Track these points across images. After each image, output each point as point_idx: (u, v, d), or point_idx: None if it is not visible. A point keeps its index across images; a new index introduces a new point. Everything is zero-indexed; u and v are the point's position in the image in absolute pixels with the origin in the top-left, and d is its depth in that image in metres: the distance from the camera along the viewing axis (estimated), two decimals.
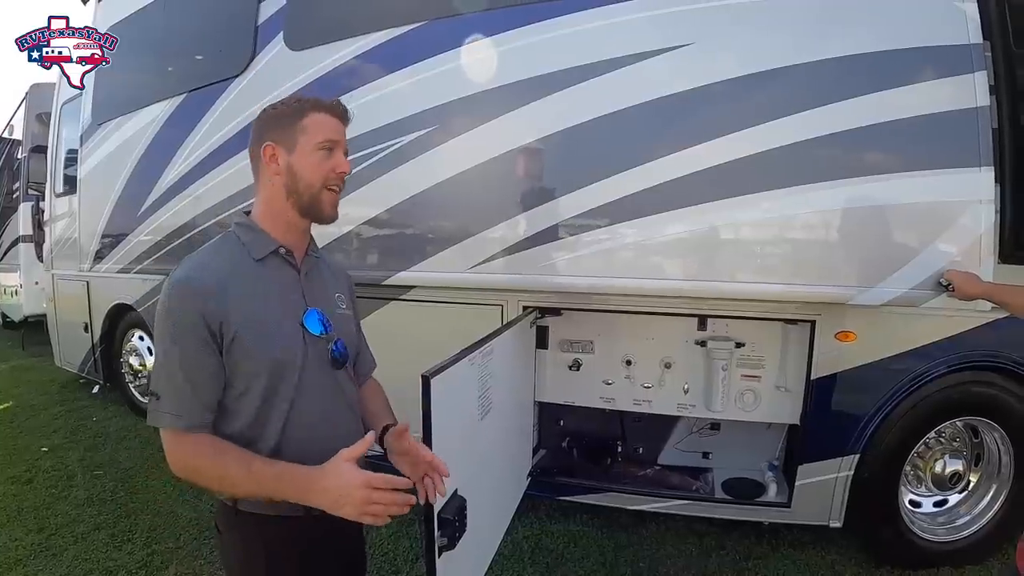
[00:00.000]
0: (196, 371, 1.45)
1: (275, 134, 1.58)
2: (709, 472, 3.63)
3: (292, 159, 1.57)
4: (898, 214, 2.89)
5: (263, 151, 1.58)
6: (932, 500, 3.37)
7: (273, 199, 1.60)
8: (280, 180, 1.58)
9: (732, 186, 2.96)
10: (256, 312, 1.50)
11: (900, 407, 3.09)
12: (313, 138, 1.58)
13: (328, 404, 1.61)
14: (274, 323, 1.53)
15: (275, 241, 1.60)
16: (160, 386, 1.46)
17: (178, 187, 4.85)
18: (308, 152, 1.58)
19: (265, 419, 1.51)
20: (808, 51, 2.91)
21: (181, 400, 1.44)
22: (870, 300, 2.88)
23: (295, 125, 1.58)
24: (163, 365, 1.46)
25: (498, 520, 2.70)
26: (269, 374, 1.50)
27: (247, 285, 1.52)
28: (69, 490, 4.47)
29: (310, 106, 1.60)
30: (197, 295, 1.44)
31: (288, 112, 1.60)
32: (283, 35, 4.14)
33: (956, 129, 2.77)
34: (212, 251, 1.57)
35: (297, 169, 1.58)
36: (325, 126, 1.60)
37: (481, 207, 3.46)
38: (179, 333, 1.43)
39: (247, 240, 1.59)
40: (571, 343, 3.54)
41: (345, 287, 1.82)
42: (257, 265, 1.56)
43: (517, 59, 3.31)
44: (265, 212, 1.62)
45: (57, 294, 7.07)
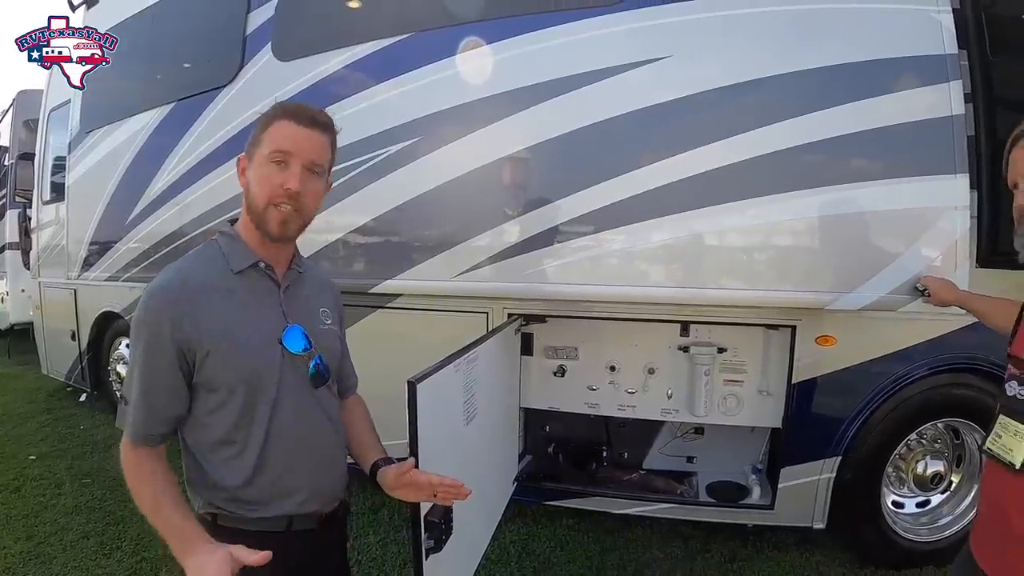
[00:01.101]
0: (157, 386, 1.44)
1: (248, 145, 1.53)
2: (693, 476, 3.66)
3: (251, 172, 1.51)
4: (876, 220, 2.94)
5: (238, 162, 1.55)
6: (915, 501, 3.42)
7: (245, 212, 1.54)
8: (246, 195, 1.53)
9: (713, 194, 3.01)
10: (231, 327, 1.46)
11: (881, 409, 3.14)
12: (267, 148, 1.48)
13: (307, 422, 1.57)
14: (249, 339, 1.48)
15: (254, 254, 1.54)
16: (127, 392, 1.47)
17: (166, 196, 4.84)
18: (260, 165, 1.49)
19: (244, 435, 1.48)
20: (787, 62, 2.96)
21: (137, 411, 1.44)
22: (848, 305, 2.93)
23: (260, 135, 1.50)
24: (131, 373, 1.46)
25: (485, 524, 2.73)
26: (245, 391, 1.47)
27: (224, 299, 1.48)
28: (57, 498, 4.45)
29: (278, 113, 1.51)
30: (171, 307, 1.41)
31: (261, 120, 1.52)
32: (271, 45, 4.16)
33: (932, 137, 2.83)
34: (193, 260, 1.53)
35: (250, 183, 1.51)
36: (281, 136, 1.49)
37: (467, 216, 3.49)
38: (149, 344, 1.41)
39: (228, 251, 1.53)
40: (556, 350, 3.57)
41: (331, 300, 1.76)
42: (236, 278, 1.51)
43: (502, 70, 3.35)
44: (244, 223, 1.56)
45: (44, 302, 7.04)
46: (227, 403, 1.47)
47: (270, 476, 1.50)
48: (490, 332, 2.88)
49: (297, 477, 1.54)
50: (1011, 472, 1.53)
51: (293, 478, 1.53)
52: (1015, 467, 1.51)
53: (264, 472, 1.49)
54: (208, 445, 1.49)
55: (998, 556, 1.59)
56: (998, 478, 1.60)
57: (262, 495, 1.51)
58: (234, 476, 1.49)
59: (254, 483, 1.49)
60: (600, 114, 3.15)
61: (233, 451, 1.49)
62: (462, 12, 3.61)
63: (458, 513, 1.88)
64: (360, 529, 3.79)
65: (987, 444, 1.63)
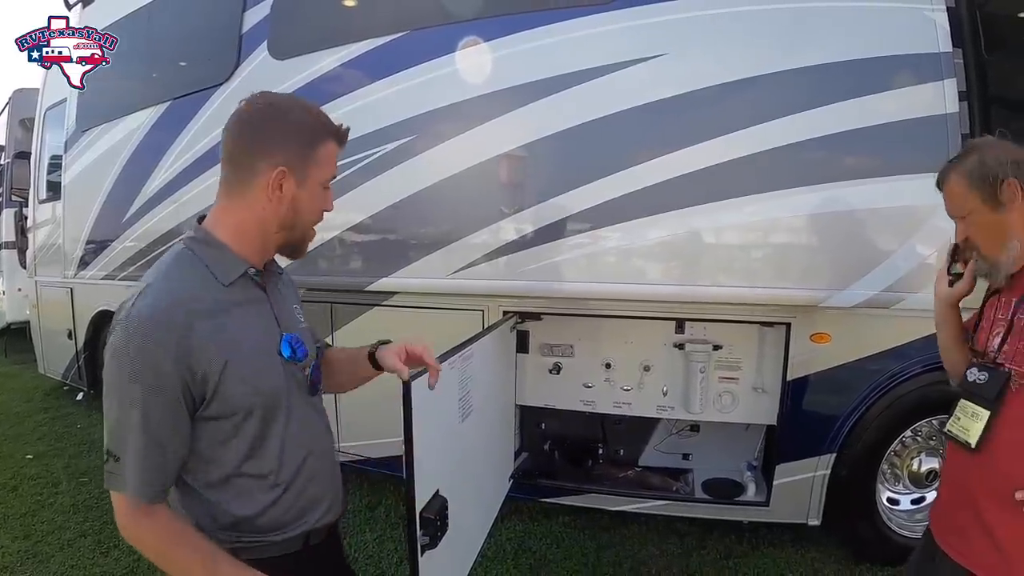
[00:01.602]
0: (167, 433, 1.27)
1: (290, 156, 1.36)
2: (689, 473, 3.67)
3: (300, 193, 1.39)
4: (870, 218, 2.96)
5: (274, 174, 1.35)
6: (910, 498, 3.42)
7: (261, 223, 1.39)
8: (275, 210, 1.38)
9: (708, 192, 3.03)
10: (236, 345, 1.32)
11: (876, 406, 3.14)
12: (325, 174, 1.42)
13: (310, 431, 1.50)
14: (256, 355, 1.37)
15: (244, 262, 1.39)
16: (119, 446, 1.25)
17: (163, 194, 4.84)
18: (316, 189, 1.42)
19: (259, 460, 1.37)
20: (782, 59, 2.97)
21: (146, 467, 1.25)
22: (842, 302, 2.95)
23: (310, 153, 1.39)
24: (122, 422, 1.24)
25: (481, 521, 2.73)
26: (262, 412, 1.36)
27: (221, 316, 1.32)
28: (55, 497, 4.45)
29: (328, 131, 1.42)
30: (169, 334, 1.23)
31: (305, 131, 1.39)
32: (267, 44, 4.16)
33: (927, 134, 2.84)
34: (172, 276, 1.32)
35: (301, 206, 1.40)
36: (334, 159, 1.45)
37: (462, 214, 3.50)
38: (145, 384, 1.22)
39: (212, 260, 1.36)
40: (551, 347, 3.57)
41: (296, 296, 1.64)
42: (226, 290, 1.35)
43: (497, 69, 3.36)
44: (238, 230, 1.39)
45: (40, 301, 7.04)
46: (241, 428, 1.34)
47: (290, 496, 1.42)
48: (486, 329, 2.87)
49: (315, 490, 1.49)
50: (969, 452, 1.63)
51: (312, 492, 1.48)
52: (971, 446, 1.62)
53: (284, 492, 1.41)
54: (219, 480, 1.36)
55: (959, 535, 1.67)
56: (959, 460, 1.70)
57: (284, 516, 1.43)
58: (251, 505, 1.39)
59: (277, 505, 1.41)
60: (595, 112, 3.17)
61: (249, 480, 1.38)
62: (457, 10, 3.62)
63: (454, 510, 1.89)
64: (357, 527, 3.80)
65: (948, 427, 1.73)
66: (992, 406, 1.60)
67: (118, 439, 1.25)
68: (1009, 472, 1.54)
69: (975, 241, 1.72)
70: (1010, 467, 1.55)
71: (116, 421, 1.25)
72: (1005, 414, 1.59)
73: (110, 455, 1.26)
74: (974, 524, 1.62)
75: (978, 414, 1.63)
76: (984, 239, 1.69)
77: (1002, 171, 1.61)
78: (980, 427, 1.61)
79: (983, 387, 1.64)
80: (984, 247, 1.70)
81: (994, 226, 1.65)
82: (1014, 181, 1.60)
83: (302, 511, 1.46)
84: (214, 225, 1.40)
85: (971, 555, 1.62)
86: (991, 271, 1.71)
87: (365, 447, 3.93)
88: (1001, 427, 1.59)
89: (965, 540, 1.65)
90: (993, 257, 1.68)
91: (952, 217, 1.76)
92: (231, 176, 1.39)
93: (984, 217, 1.66)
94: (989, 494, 1.59)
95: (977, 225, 1.69)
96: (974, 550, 1.62)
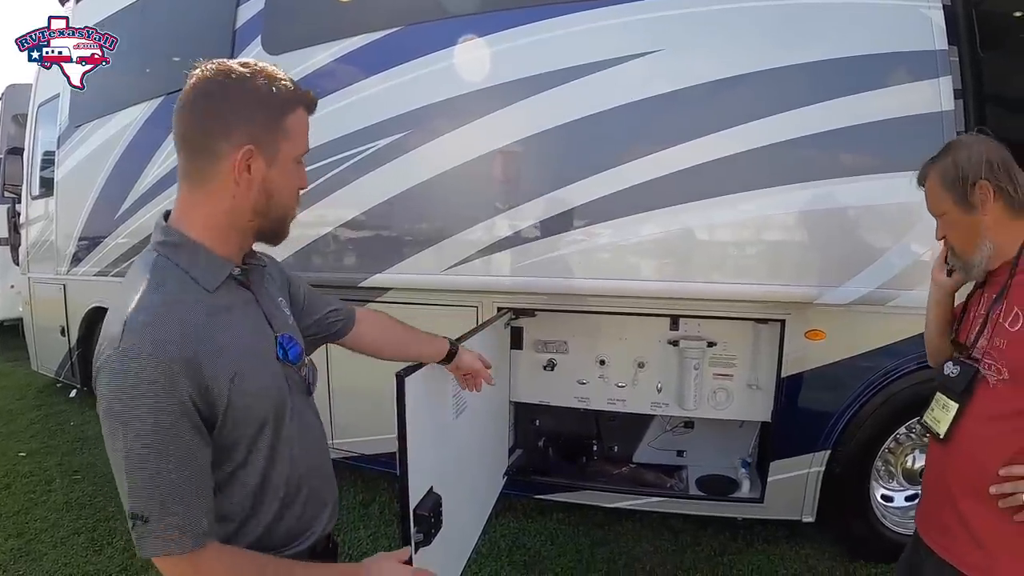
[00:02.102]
0: (194, 468, 1.11)
1: (255, 131, 1.18)
2: (683, 469, 3.68)
3: (271, 173, 1.22)
4: (865, 215, 2.97)
5: (240, 155, 1.17)
6: (903, 495, 3.42)
7: (232, 214, 1.22)
8: (245, 195, 1.21)
9: (703, 188, 3.03)
10: (237, 360, 1.18)
11: (870, 403, 3.15)
12: (297, 148, 1.26)
13: (312, 434, 1.43)
14: (258, 365, 1.24)
15: (227, 262, 1.24)
16: (145, 503, 1.07)
17: (156, 189, 4.82)
18: (289, 165, 1.25)
19: (275, 469, 1.27)
20: (777, 56, 2.97)
21: (187, 512, 1.09)
22: (837, 299, 2.95)
23: (279, 125, 1.21)
24: (140, 471, 1.06)
25: (475, 518, 2.72)
26: (273, 425, 1.26)
27: (216, 329, 1.16)
28: (48, 495, 4.44)
29: (297, 97, 1.24)
30: (170, 362, 1.07)
31: (272, 100, 1.20)
32: (261, 39, 4.14)
33: (922, 132, 2.84)
34: (154, 294, 1.13)
35: (274, 187, 1.23)
36: (305, 130, 1.28)
37: (456, 209, 3.50)
38: (158, 422, 1.05)
39: (190, 266, 1.19)
40: (545, 343, 3.57)
41: (280, 282, 1.50)
42: (212, 297, 1.19)
43: (492, 64, 3.35)
44: (208, 224, 1.22)
45: (33, 297, 7.01)
46: (256, 442, 1.23)
47: (299, 505, 1.34)
48: (480, 326, 2.87)
49: (319, 495, 1.42)
50: (939, 442, 1.68)
51: (317, 498, 1.41)
52: (939, 436, 1.67)
53: (294, 502, 1.33)
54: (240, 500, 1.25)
55: (942, 532, 1.69)
56: (935, 452, 1.75)
57: (296, 526, 1.35)
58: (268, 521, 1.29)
59: (289, 515, 1.33)
60: (591, 108, 3.16)
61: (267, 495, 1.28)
62: (452, 6, 3.61)
63: (448, 507, 1.88)
64: (351, 524, 3.79)
65: (923, 416, 1.77)
66: (960, 399, 1.64)
67: (135, 495, 1.07)
68: (978, 463, 1.58)
69: (951, 240, 1.73)
70: (977, 459, 1.58)
71: (132, 477, 1.07)
72: (972, 407, 1.62)
73: (136, 518, 1.07)
74: (954, 519, 1.64)
75: (948, 406, 1.66)
76: (958, 239, 1.71)
77: (974, 173, 1.61)
78: (949, 418, 1.65)
79: (954, 380, 1.67)
80: (958, 247, 1.72)
81: (967, 227, 1.66)
82: (986, 184, 1.59)
83: (310, 520, 1.40)
84: (182, 222, 1.22)
85: (954, 551, 1.64)
86: (964, 270, 1.73)
87: (359, 444, 3.92)
88: (967, 420, 1.62)
89: (948, 536, 1.66)
90: (966, 257, 1.69)
91: (932, 215, 1.76)
92: (189, 164, 1.22)
93: (957, 218, 1.67)
94: (962, 485, 1.62)
95: (951, 225, 1.70)
96: (957, 546, 1.64)
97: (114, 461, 1.09)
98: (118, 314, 1.10)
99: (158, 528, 1.07)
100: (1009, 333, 1.55)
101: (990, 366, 1.59)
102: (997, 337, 1.59)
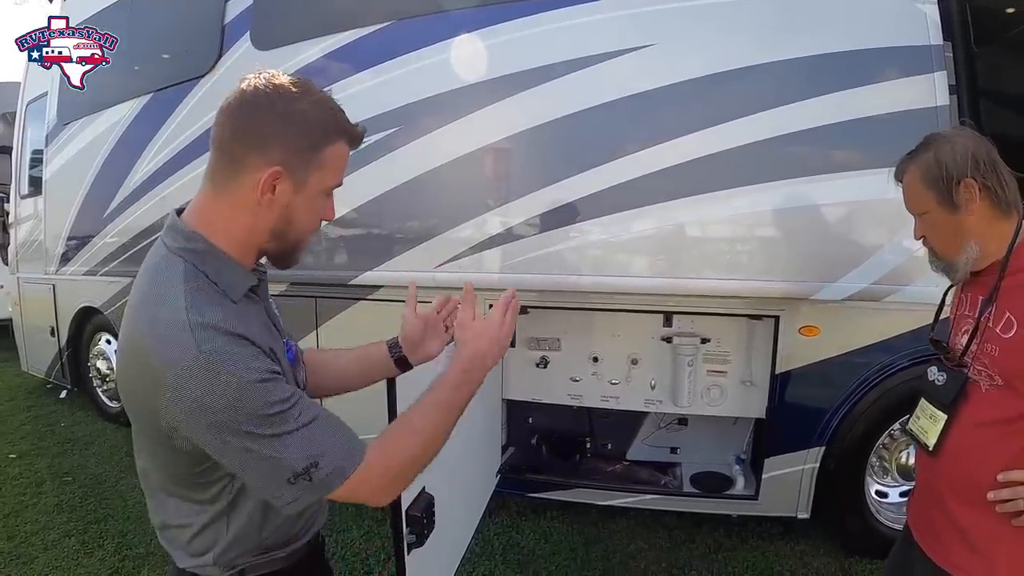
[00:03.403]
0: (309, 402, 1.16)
1: (289, 155, 1.15)
2: (677, 467, 3.67)
3: (296, 200, 1.18)
4: (860, 211, 2.96)
5: (267, 175, 1.14)
6: (898, 490, 3.41)
7: (251, 231, 1.19)
8: (267, 216, 1.18)
9: (696, 184, 3.02)
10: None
11: (865, 399, 3.14)
12: (328, 180, 1.22)
13: None
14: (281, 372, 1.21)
15: (250, 275, 1.23)
16: (307, 449, 1.10)
17: (145, 187, 4.79)
18: (315, 196, 1.21)
19: None
20: (771, 51, 2.96)
21: (340, 429, 1.17)
22: (832, 295, 2.94)
23: (315, 155, 1.17)
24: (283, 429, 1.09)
25: (468, 517, 2.71)
26: None
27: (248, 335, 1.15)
28: (38, 497, 4.40)
29: (340, 130, 1.21)
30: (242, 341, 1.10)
31: (313, 127, 1.17)
32: (250, 34, 4.12)
33: (917, 127, 2.79)
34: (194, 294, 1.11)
35: (295, 215, 1.20)
36: (342, 163, 1.24)
37: (447, 206, 3.48)
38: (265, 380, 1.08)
39: (216, 275, 1.16)
40: (538, 341, 3.56)
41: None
42: (236, 308, 1.17)
43: (483, 59, 3.33)
44: (233, 236, 1.19)
45: (23, 297, 6.96)
46: None
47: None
48: None
49: None
50: (928, 454, 1.61)
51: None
52: (929, 449, 1.60)
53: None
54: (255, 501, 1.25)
55: (937, 540, 1.63)
56: (924, 460, 1.68)
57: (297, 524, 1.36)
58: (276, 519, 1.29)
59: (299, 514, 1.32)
60: (583, 103, 3.15)
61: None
62: (442, 1, 3.58)
63: (441, 507, 1.87)
64: (343, 523, 3.77)
65: (909, 424, 1.71)
66: (948, 410, 1.56)
67: (298, 446, 1.09)
68: (968, 470, 1.52)
69: (931, 241, 1.64)
70: (968, 466, 1.52)
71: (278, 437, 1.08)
72: (962, 417, 1.55)
73: (308, 470, 1.10)
74: (946, 525, 1.58)
75: (936, 416, 1.59)
76: (940, 240, 1.61)
77: (958, 170, 1.51)
78: (937, 430, 1.58)
79: (941, 389, 1.60)
80: (940, 248, 1.62)
81: (950, 227, 1.56)
82: (971, 181, 1.50)
83: (310, 518, 1.40)
84: (202, 224, 1.18)
85: (949, 558, 1.58)
86: (947, 272, 1.64)
87: None
88: (957, 431, 1.55)
89: (942, 543, 1.61)
90: (949, 259, 1.60)
91: (910, 213, 1.67)
92: (218, 167, 1.18)
93: (939, 218, 1.57)
94: (953, 492, 1.56)
95: (932, 226, 1.60)
96: (951, 553, 1.58)
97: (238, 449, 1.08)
98: (163, 328, 1.08)
99: (333, 458, 1.12)
100: (1001, 340, 1.48)
101: (980, 372, 1.53)
102: (988, 343, 1.51)
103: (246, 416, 1.05)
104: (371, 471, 1.16)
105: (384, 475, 1.19)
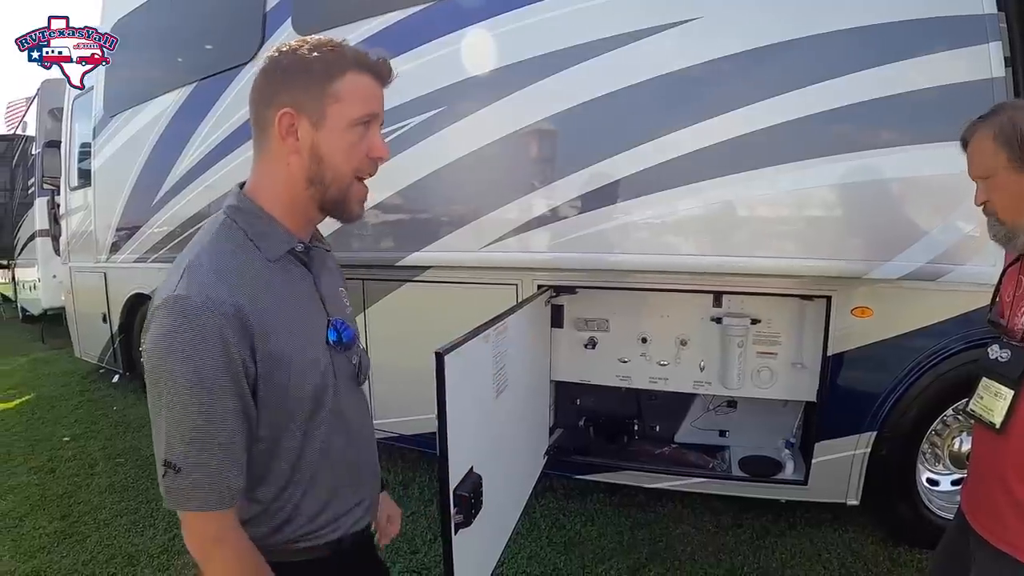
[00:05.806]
0: (232, 425, 1.09)
1: (296, 96, 1.16)
2: (726, 450, 3.63)
3: (319, 136, 1.18)
4: (913, 187, 2.86)
5: (278, 119, 1.16)
6: (950, 479, 3.34)
7: (290, 184, 1.21)
8: (299, 162, 1.19)
9: (746, 160, 2.94)
10: (286, 334, 1.16)
11: (917, 384, 3.06)
12: (350, 111, 1.18)
13: (356, 425, 1.36)
14: (306, 345, 1.21)
15: (293, 236, 1.23)
16: (181, 454, 1.06)
17: (191, 175, 4.88)
18: (341, 129, 1.19)
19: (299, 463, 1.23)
20: (821, 23, 2.86)
21: (220, 471, 1.08)
22: (886, 274, 2.85)
23: (326, 88, 1.16)
24: (179, 424, 1.05)
25: (515, 498, 2.71)
26: (310, 411, 1.21)
27: (269, 298, 1.15)
28: (91, 478, 4.53)
29: (348, 62, 1.19)
30: (217, 317, 1.06)
31: (316, 66, 1.17)
32: (291, 20, 4.13)
33: (971, 100, 2.71)
34: (215, 250, 1.15)
35: (325, 152, 1.18)
36: (365, 93, 1.21)
37: (494, 186, 3.47)
38: (199, 375, 1.04)
39: (256, 234, 1.19)
40: (586, 321, 3.53)
41: (341, 278, 1.47)
42: (271, 267, 1.19)
43: (525, 38, 3.30)
44: (276, 197, 1.22)
45: (75, 286, 7.18)
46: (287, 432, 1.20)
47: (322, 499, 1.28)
48: (519, 303, 2.84)
49: (351, 493, 1.35)
50: (995, 432, 1.58)
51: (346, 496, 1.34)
52: (995, 427, 1.57)
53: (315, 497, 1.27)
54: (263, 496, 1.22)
55: (996, 520, 1.60)
56: (986, 439, 1.65)
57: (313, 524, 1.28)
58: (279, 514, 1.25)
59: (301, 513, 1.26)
60: (628, 79, 3.09)
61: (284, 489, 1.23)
62: None
63: (488, 487, 1.87)
64: None
65: (971, 406, 1.68)
66: (1016, 386, 1.54)
67: (175, 445, 1.06)
68: None
69: (995, 205, 1.62)
70: None
71: (171, 424, 1.06)
72: None
73: (168, 466, 1.07)
74: (1007, 504, 1.56)
75: (1001, 393, 1.57)
76: (1006, 202, 1.60)
77: None
78: (1004, 407, 1.56)
79: (1006, 365, 1.58)
80: (1004, 211, 1.61)
81: (1018, 188, 1.56)
82: None
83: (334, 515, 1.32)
84: (253, 190, 1.23)
85: (1005, 535, 1.56)
86: (1009, 236, 1.63)
87: (398, 424, 3.92)
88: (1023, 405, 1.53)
89: (998, 521, 1.58)
90: (1012, 221, 1.59)
91: (974, 179, 1.66)
92: (254, 135, 1.24)
93: (1008, 179, 1.56)
94: (1020, 472, 1.54)
95: (1000, 187, 1.59)
96: (1008, 530, 1.55)
97: (153, 404, 1.09)
98: (177, 265, 1.13)
99: (188, 481, 1.07)
100: None
101: None
102: None
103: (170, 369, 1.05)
104: (196, 528, 1.12)
105: (199, 549, 1.13)
